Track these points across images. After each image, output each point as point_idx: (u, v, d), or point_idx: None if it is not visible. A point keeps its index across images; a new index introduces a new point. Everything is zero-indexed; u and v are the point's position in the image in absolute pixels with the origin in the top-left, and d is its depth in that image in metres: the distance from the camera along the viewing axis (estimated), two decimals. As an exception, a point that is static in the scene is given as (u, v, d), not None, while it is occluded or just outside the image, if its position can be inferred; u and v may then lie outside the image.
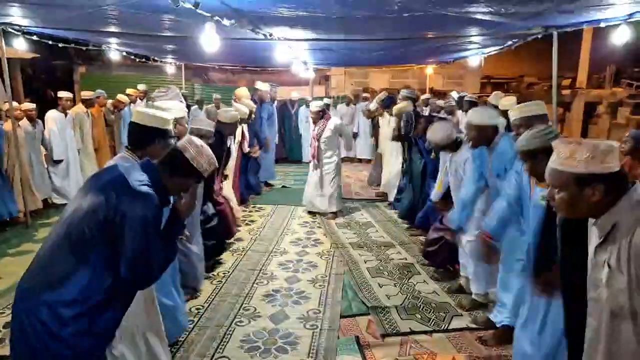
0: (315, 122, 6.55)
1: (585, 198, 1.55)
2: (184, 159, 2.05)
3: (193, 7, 3.54)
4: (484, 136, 3.37)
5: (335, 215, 6.63)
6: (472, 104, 6.76)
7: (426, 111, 7.55)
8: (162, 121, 2.44)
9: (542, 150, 2.26)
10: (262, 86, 7.85)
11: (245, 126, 6.38)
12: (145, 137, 2.41)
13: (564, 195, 1.59)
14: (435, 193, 4.47)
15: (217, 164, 2.16)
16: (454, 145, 3.94)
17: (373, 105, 7.72)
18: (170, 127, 2.50)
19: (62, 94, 7.21)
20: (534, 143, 2.38)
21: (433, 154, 4.80)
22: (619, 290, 1.51)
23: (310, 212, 6.76)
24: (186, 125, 3.71)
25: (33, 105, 6.67)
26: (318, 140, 6.48)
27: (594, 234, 1.65)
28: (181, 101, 4.17)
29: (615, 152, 1.55)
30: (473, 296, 3.91)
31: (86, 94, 7.70)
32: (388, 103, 6.98)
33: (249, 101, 6.72)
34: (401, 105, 5.93)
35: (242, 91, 7.08)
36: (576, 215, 1.65)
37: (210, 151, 2.15)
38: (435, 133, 3.96)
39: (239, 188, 6.63)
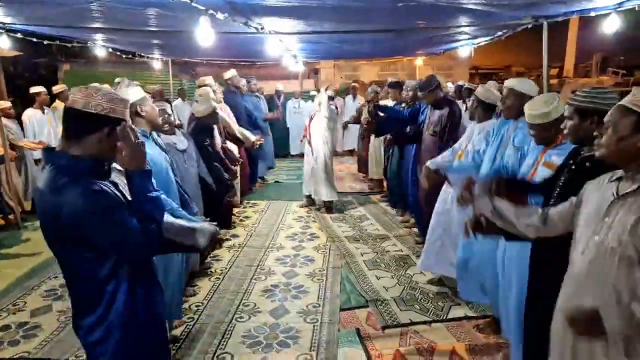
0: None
1: (631, 141, 1.54)
2: (81, 113, 1.66)
3: (188, 1, 3.49)
4: (520, 106, 3.06)
5: (330, 209, 6.60)
6: (472, 92, 6.75)
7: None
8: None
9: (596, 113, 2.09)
10: (230, 74, 7.69)
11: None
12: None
13: (611, 130, 1.58)
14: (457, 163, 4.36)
15: (123, 97, 1.76)
16: (487, 112, 3.76)
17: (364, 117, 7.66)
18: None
19: (36, 88, 6.87)
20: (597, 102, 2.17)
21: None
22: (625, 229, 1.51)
23: (307, 203, 6.76)
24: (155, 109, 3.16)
25: (8, 104, 6.49)
26: (309, 125, 6.52)
27: (599, 189, 1.68)
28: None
29: None
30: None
31: (58, 88, 7.42)
32: (395, 85, 6.90)
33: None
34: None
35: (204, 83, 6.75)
36: (613, 158, 1.62)
37: (106, 89, 1.77)
38: (487, 91, 3.75)
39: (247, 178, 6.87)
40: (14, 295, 4.21)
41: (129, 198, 1.76)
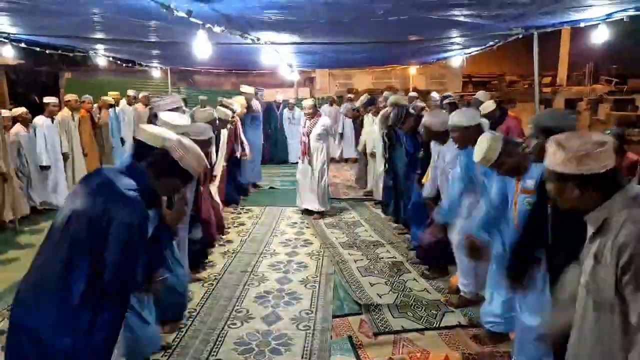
0: (309, 119, 6.52)
1: (566, 194, 1.63)
2: (171, 160, 2.04)
3: (186, 16, 3.57)
4: (468, 136, 3.42)
5: (321, 215, 6.65)
6: (453, 106, 6.85)
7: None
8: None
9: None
10: (247, 89, 7.82)
11: (238, 130, 6.43)
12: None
13: (552, 186, 1.69)
14: (425, 187, 4.48)
15: (207, 163, 2.14)
16: (445, 136, 3.94)
17: (359, 103, 7.77)
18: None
19: (48, 99, 7.09)
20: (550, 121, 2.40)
21: (421, 152, 4.82)
22: (602, 282, 1.57)
23: (305, 211, 6.77)
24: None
25: (24, 109, 6.68)
26: (308, 136, 6.49)
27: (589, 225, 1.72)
28: (183, 110, 4.19)
29: (608, 150, 1.58)
30: (461, 293, 3.98)
31: (70, 97, 7.59)
32: (369, 103, 7.08)
33: (239, 103, 6.72)
34: (397, 97, 5.91)
35: (239, 99, 7.05)
36: (566, 206, 1.71)
37: (199, 150, 2.13)
38: (433, 118, 3.98)
39: (224, 191, 6.62)
40: (9, 300, 4.21)
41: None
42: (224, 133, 5.98)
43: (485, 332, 3.44)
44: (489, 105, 5.46)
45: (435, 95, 8.51)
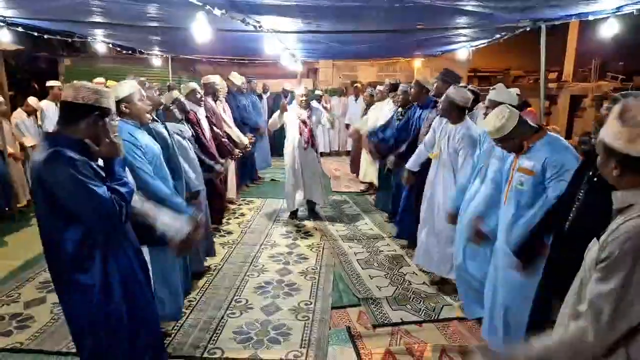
0: (304, 108, 6.06)
1: (607, 169, 1.50)
2: (72, 105, 1.99)
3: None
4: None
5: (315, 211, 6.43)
6: (474, 94, 6.75)
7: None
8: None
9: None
10: (234, 78, 7.74)
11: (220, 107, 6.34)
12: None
13: (599, 158, 1.56)
14: (410, 160, 4.50)
15: (106, 91, 2.08)
16: (459, 115, 3.87)
17: (383, 87, 7.65)
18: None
19: (51, 83, 7.17)
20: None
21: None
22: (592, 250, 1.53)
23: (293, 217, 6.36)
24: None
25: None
26: (308, 123, 6.03)
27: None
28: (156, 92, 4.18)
29: None
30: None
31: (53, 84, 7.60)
32: (392, 89, 6.93)
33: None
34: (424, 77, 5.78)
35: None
36: (610, 181, 1.56)
37: (92, 84, 2.05)
38: (457, 91, 3.87)
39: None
40: (8, 286, 4.22)
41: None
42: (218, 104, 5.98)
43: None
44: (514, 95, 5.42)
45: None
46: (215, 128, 5.37)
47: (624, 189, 1.49)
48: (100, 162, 2.08)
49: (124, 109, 2.86)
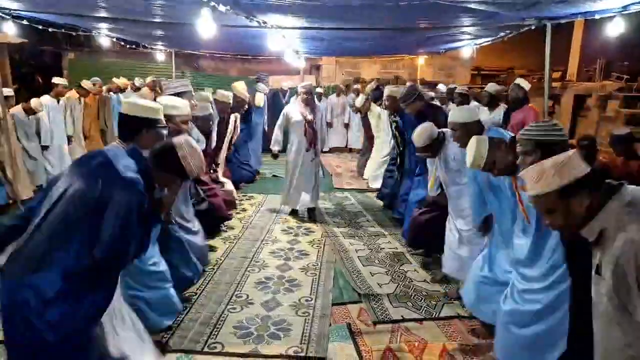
0: (306, 105, 5.84)
1: (575, 209, 1.59)
2: (175, 156, 2.10)
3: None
4: (471, 133, 3.22)
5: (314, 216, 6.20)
6: (463, 97, 6.78)
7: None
8: (150, 111, 2.44)
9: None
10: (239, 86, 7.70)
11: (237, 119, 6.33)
12: (133, 127, 2.40)
13: (557, 215, 1.63)
14: (430, 190, 4.42)
15: (204, 169, 2.30)
16: (438, 144, 3.83)
17: (359, 101, 7.73)
18: (160, 116, 2.49)
19: (57, 80, 7.15)
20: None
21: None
22: (601, 296, 1.55)
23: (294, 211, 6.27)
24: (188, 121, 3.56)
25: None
26: (314, 125, 5.86)
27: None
28: (191, 95, 4.19)
29: (572, 160, 1.60)
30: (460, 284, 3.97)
31: (87, 85, 7.66)
32: (377, 95, 6.98)
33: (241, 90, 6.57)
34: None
35: (239, 85, 6.87)
36: (564, 229, 1.70)
37: (202, 156, 2.21)
38: (417, 136, 3.83)
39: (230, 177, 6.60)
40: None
41: None
42: (232, 119, 5.93)
43: (484, 325, 3.40)
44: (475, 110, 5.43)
45: (441, 87, 8.43)
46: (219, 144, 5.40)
47: (588, 219, 1.58)
48: None
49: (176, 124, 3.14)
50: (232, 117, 5.94)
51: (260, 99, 7.82)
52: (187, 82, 4.57)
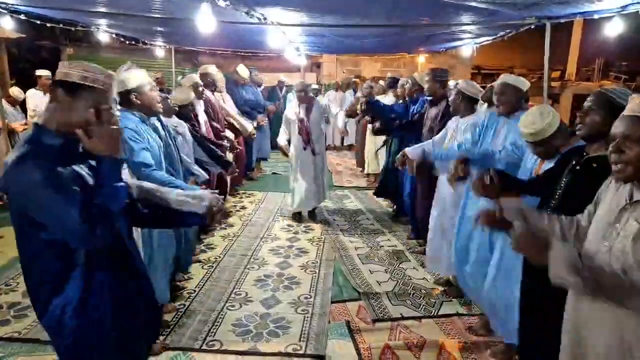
0: (302, 103, 5.76)
1: None
2: (70, 85, 1.64)
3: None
4: (518, 100, 3.15)
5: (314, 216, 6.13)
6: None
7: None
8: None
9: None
10: (242, 71, 7.69)
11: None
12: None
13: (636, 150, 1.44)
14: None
15: (107, 72, 1.73)
16: (468, 107, 3.83)
17: (360, 95, 7.74)
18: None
19: (40, 72, 6.97)
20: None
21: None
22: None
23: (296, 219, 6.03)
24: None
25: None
26: (306, 124, 5.75)
27: (613, 192, 1.61)
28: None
29: None
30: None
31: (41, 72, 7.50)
32: (392, 84, 6.92)
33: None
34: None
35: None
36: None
37: (91, 65, 1.72)
38: (467, 83, 3.88)
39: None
40: (6, 275, 4.22)
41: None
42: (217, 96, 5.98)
43: (482, 324, 3.42)
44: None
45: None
46: (214, 122, 5.36)
47: None
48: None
49: (135, 99, 2.82)
50: (218, 95, 6.05)
51: (244, 71, 7.68)
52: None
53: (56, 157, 1.59)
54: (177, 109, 4.18)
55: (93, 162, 1.69)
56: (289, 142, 5.97)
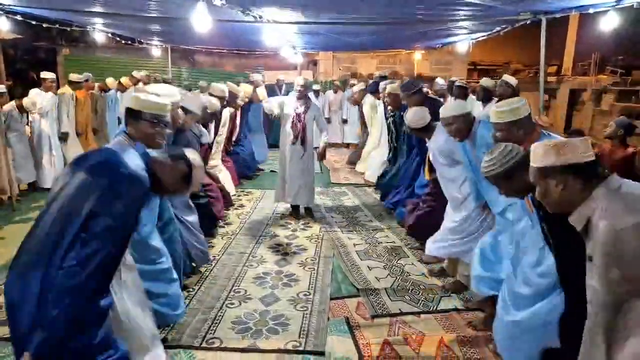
0: (300, 98, 5.69)
1: (550, 190, 1.65)
2: (185, 170, 2.19)
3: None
4: (465, 126, 3.34)
5: (310, 212, 6.08)
6: (462, 89, 6.79)
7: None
8: (158, 107, 2.49)
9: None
10: (256, 78, 7.72)
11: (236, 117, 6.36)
12: (137, 118, 2.46)
13: (538, 188, 1.71)
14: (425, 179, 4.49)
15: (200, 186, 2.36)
16: (427, 130, 3.98)
17: (357, 88, 7.80)
18: (168, 113, 2.55)
19: (45, 74, 7.04)
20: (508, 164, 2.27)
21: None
22: (596, 284, 1.57)
23: (293, 208, 6.09)
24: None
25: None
26: (303, 119, 5.66)
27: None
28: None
29: (575, 146, 1.63)
30: (458, 277, 4.01)
31: (74, 77, 7.54)
32: (373, 88, 7.01)
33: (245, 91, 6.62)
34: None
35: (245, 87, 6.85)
36: (553, 208, 1.73)
37: (202, 170, 2.32)
38: (411, 114, 3.99)
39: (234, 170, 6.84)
40: (6, 275, 4.21)
41: None
42: (225, 113, 5.95)
43: (482, 319, 3.42)
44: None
45: (440, 81, 8.43)
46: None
47: (577, 204, 1.61)
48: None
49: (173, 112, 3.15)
50: (226, 111, 5.99)
51: (263, 93, 7.71)
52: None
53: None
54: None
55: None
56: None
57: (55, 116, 7.06)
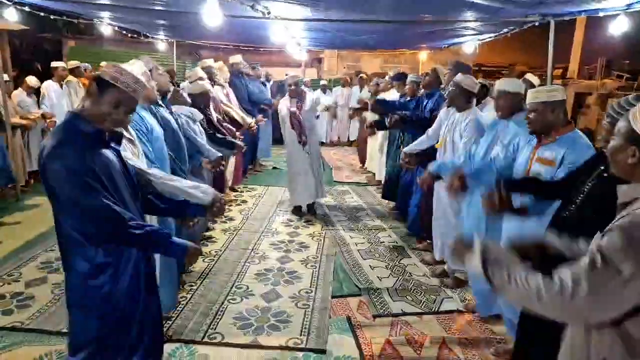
0: (292, 96, 5.68)
1: (623, 157, 1.43)
2: (103, 82, 1.86)
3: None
4: (516, 104, 3.20)
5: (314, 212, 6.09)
6: (483, 87, 6.71)
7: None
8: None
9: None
10: (235, 59, 7.68)
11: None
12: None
13: (614, 143, 1.47)
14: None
15: (145, 84, 2.03)
16: (466, 101, 3.84)
17: (364, 95, 7.75)
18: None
19: (56, 63, 7.14)
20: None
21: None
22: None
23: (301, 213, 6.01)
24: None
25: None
26: (299, 115, 5.65)
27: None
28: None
29: None
30: (456, 274, 4.04)
31: (72, 63, 7.63)
32: (399, 77, 6.85)
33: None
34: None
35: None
36: (616, 171, 1.50)
37: (134, 72, 1.95)
38: (467, 78, 3.86)
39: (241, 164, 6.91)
40: (9, 265, 4.23)
41: (132, 167, 2.09)
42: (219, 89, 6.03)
43: (505, 348, 3.27)
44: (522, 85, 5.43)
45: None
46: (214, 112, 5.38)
47: (634, 179, 1.44)
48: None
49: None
50: (218, 88, 6.11)
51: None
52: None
53: (89, 142, 1.83)
54: (189, 101, 4.32)
55: (118, 147, 1.99)
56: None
57: (67, 105, 7.11)
